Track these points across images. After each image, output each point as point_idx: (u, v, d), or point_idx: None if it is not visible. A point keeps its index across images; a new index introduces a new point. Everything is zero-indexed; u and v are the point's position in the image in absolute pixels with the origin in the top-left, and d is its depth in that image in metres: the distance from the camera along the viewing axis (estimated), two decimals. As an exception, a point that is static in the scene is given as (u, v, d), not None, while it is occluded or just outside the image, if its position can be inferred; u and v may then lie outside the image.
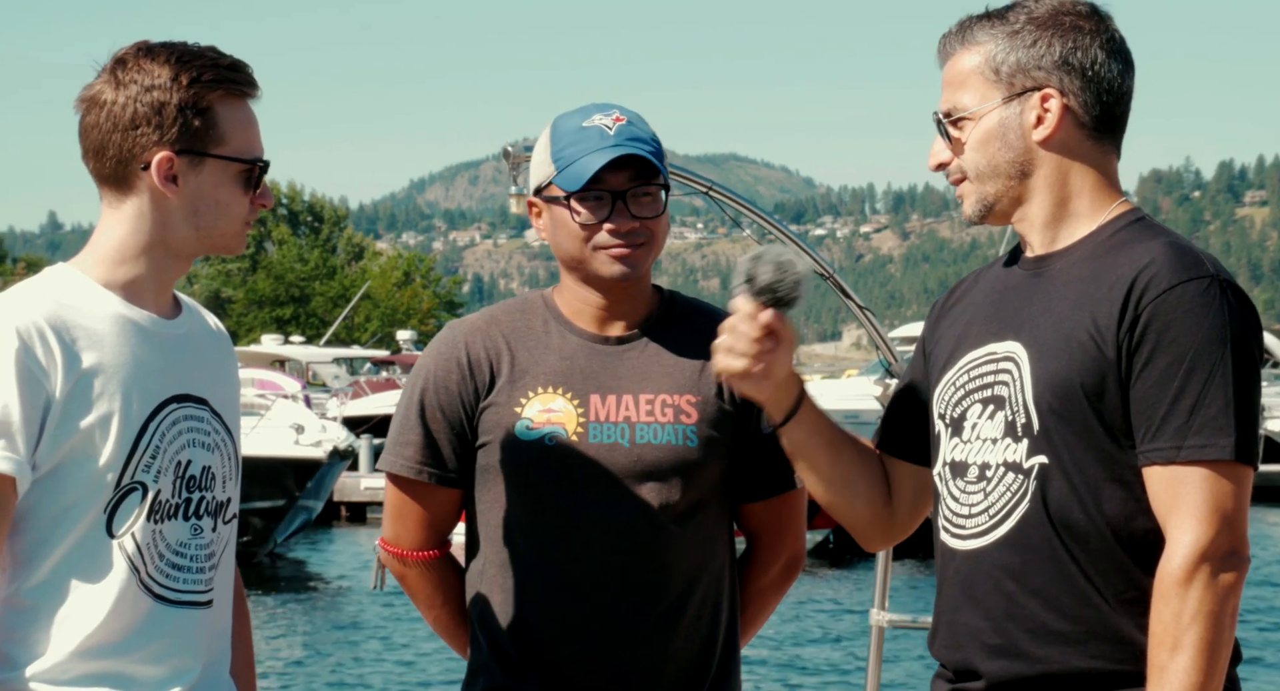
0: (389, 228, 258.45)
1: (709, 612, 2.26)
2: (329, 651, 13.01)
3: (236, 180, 1.97)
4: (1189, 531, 1.79)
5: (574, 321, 2.27)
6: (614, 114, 2.23)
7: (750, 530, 2.36)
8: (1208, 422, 1.80)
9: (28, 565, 1.90)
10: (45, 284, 1.94)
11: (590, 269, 2.22)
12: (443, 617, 2.34)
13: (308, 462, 17.56)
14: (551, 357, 2.24)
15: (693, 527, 2.23)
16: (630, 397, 2.23)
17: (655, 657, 2.22)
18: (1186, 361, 1.81)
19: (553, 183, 2.22)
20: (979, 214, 1.97)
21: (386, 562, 2.33)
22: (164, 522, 1.94)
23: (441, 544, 2.32)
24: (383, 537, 2.33)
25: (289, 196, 64.96)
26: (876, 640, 3.34)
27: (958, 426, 1.97)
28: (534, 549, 2.22)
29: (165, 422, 1.94)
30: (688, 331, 2.28)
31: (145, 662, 1.93)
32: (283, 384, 26.37)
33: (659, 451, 2.21)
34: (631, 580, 2.21)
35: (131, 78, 1.92)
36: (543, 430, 2.20)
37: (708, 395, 2.25)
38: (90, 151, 1.95)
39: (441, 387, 2.25)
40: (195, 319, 2.05)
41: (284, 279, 57.57)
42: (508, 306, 2.32)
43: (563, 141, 2.22)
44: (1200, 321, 1.81)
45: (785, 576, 2.37)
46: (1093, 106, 1.92)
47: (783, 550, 2.35)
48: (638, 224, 2.20)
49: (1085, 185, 1.93)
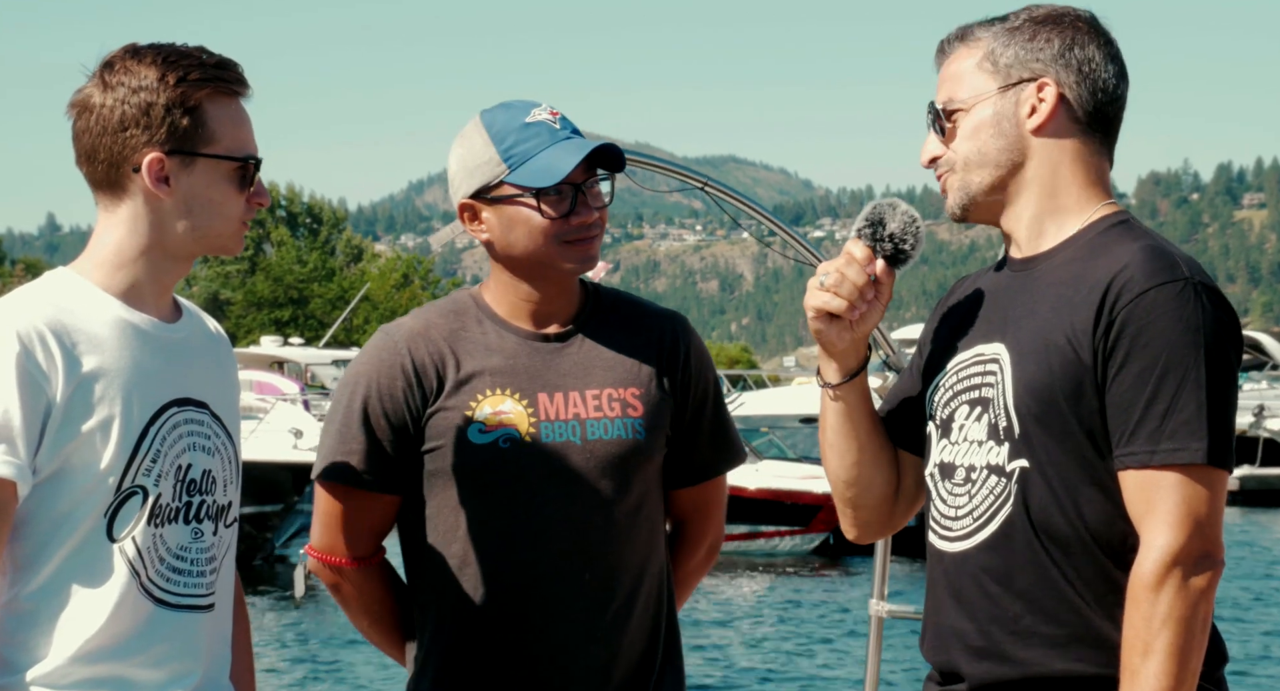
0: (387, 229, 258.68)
1: (655, 602, 2.27)
2: (327, 654, 13.00)
3: (229, 179, 1.96)
4: (1161, 535, 1.79)
5: (510, 320, 2.25)
6: (547, 108, 2.22)
7: (679, 515, 2.37)
8: (1181, 427, 1.80)
9: (28, 569, 1.90)
10: (45, 288, 1.94)
11: (551, 264, 2.20)
12: (379, 624, 2.32)
13: (306, 467, 17.56)
14: (495, 359, 2.23)
15: (641, 519, 2.25)
16: (577, 394, 2.22)
17: (611, 651, 2.22)
18: (1160, 365, 1.81)
19: (505, 182, 2.19)
20: (961, 205, 1.97)
21: (317, 571, 2.30)
22: (165, 526, 1.93)
23: (377, 550, 2.30)
24: (312, 546, 2.29)
25: (288, 198, 64.98)
26: (876, 630, 3.35)
27: (946, 428, 1.98)
28: (490, 551, 2.21)
29: (166, 426, 1.94)
30: (619, 324, 2.28)
31: (146, 667, 1.92)
32: (282, 387, 26.36)
33: (611, 446, 2.22)
34: (588, 576, 2.21)
35: (119, 80, 1.92)
36: (496, 432, 2.19)
37: (649, 387, 2.26)
38: (83, 156, 1.95)
39: (386, 394, 2.21)
40: (195, 322, 2.05)
41: (283, 281, 57.57)
42: (439, 308, 2.29)
43: (508, 138, 2.19)
44: (1174, 325, 1.81)
45: (708, 557, 2.40)
46: (1086, 102, 1.93)
47: (708, 533, 2.38)
48: (597, 215, 2.21)
49: (1074, 180, 1.94)
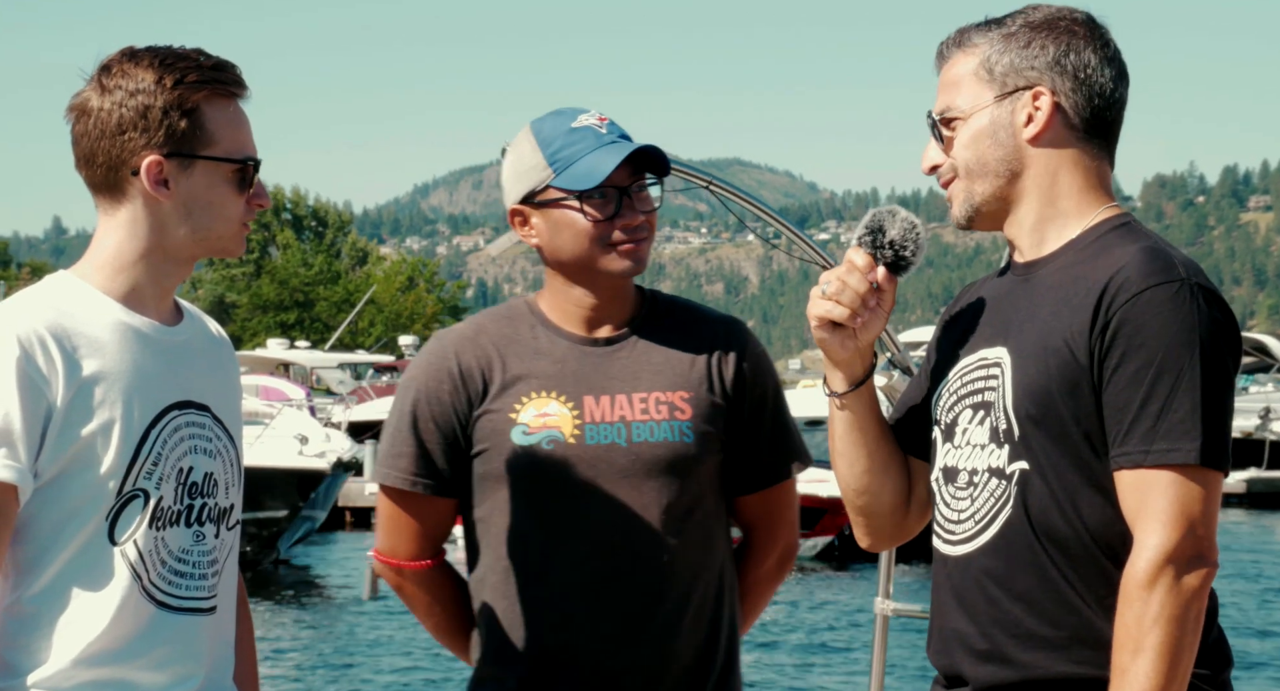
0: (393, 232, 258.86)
1: (711, 608, 2.27)
2: (333, 657, 13.00)
3: (229, 181, 1.96)
4: (1154, 535, 1.79)
5: (562, 325, 2.27)
6: (595, 114, 2.25)
7: (745, 522, 2.38)
8: (1174, 427, 1.80)
9: (30, 573, 1.90)
10: (46, 292, 1.94)
11: (598, 267, 2.23)
12: (443, 625, 2.35)
13: (312, 474, 17.57)
14: (543, 362, 2.25)
15: (692, 524, 2.25)
16: (624, 397, 2.24)
17: (662, 656, 2.23)
18: (1154, 366, 1.81)
19: (551, 186, 2.22)
20: (966, 215, 1.98)
21: (382, 573, 2.34)
22: (166, 529, 1.93)
23: (437, 553, 2.33)
24: (376, 549, 2.33)
25: (293, 201, 65.02)
26: (881, 628, 3.35)
27: (950, 432, 1.98)
28: (537, 553, 2.23)
29: (167, 429, 1.94)
30: (673, 328, 2.30)
31: (148, 669, 1.92)
32: (288, 392, 26.38)
33: (656, 449, 2.23)
34: (636, 579, 2.22)
35: (116, 83, 1.92)
36: (539, 435, 2.21)
37: (699, 391, 2.26)
38: (81, 160, 1.95)
39: (434, 398, 2.25)
40: (197, 325, 2.05)
41: (288, 284, 57.62)
42: (494, 314, 2.33)
43: (555, 143, 2.22)
44: (1168, 325, 1.81)
45: (780, 567, 2.39)
46: (1083, 108, 1.93)
47: (778, 541, 2.37)
48: (644, 218, 2.23)
49: (1073, 186, 1.94)
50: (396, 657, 12.95)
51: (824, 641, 13.52)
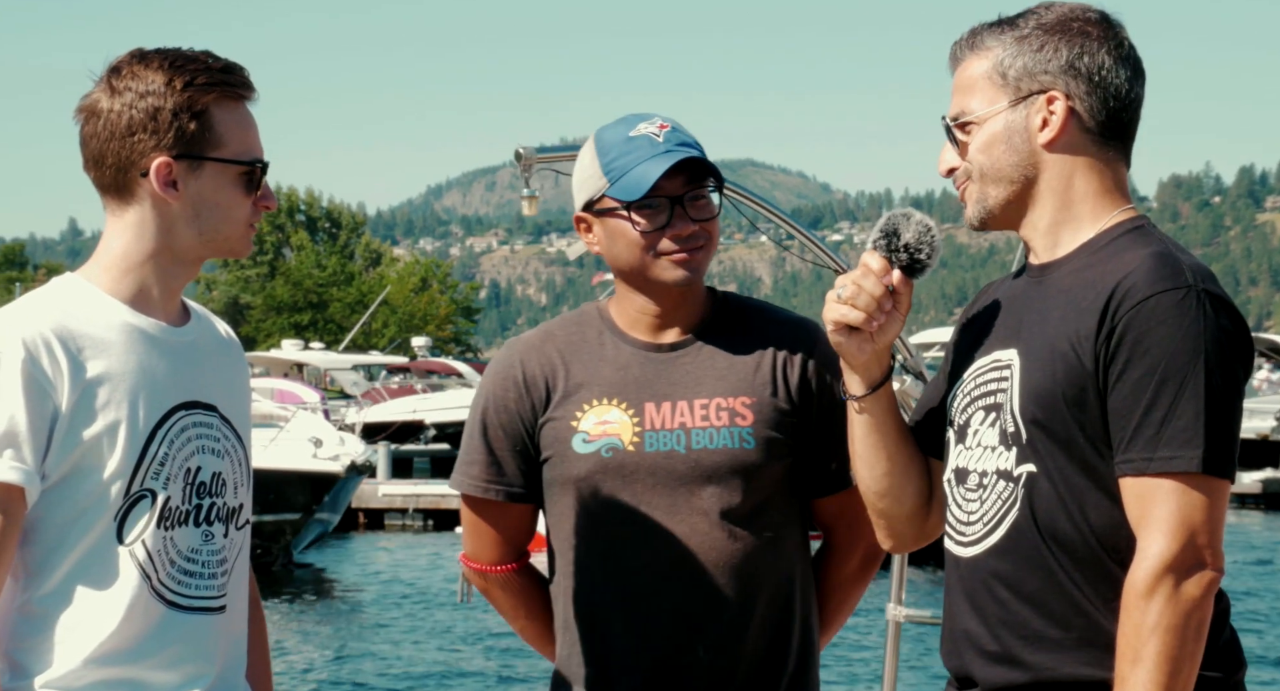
0: (406, 234, 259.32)
1: (780, 613, 2.27)
2: (346, 657, 13.02)
3: (236, 182, 1.97)
4: (1155, 543, 1.79)
5: (629, 331, 2.29)
6: (657, 121, 2.25)
7: (824, 524, 2.37)
8: (1177, 434, 1.79)
9: (39, 574, 1.90)
10: (51, 294, 1.95)
11: (651, 276, 2.24)
12: (528, 628, 2.38)
13: (325, 477, 17.61)
14: (606, 369, 2.26)
15: (758, 529, 2.24)
16: (685, 403, 2.24)
17: (728, 660, 2.24)
18: (1159, 373, 1.80)
19: (606, 195, 2.23)
20: (979, 217, 1.97)
21: (469, 577, 2.38)
22: (174, 529, 1.94)
23: (519, 557, 2.36)
24: (463, 553, 2.37)
25: (307, 203, 65.19)
26: (893, 635, 3.34)
27: (962, 433, 1.99)
28: (601, 558, 2.25)
29: (174, 430, 1.94)
30: (741, 332, 2.29)
31: (159, 669, 1.92)
32: (303, 395, 26.44)
33: (716, 455, 2.23)
34: (699, 585, 2.23)
35: (126, 85, 1.92)
36: (599, 442, 2.23)
37: (763, 396, 2.26)
38: (90, 161, 1.96)
39: (500, 406, 2.28)
40: (204, 326, 2.05)
41: (302, 285, 57.74)
42: (564, 320, 2.35)
43: (611, 153, 2.23)
44: (1174, 332, 1.80)
45: (865, 568, 2.37)
46: (1098, 111, 1.91)
47: (859, 542, 2.34)
48: (696, 227, 2.23)
49: (1089, 190, 1.93)
50: (408, 658, 12.96)
51: (836, 642, 13.49)
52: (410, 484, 24.10)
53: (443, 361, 40.30)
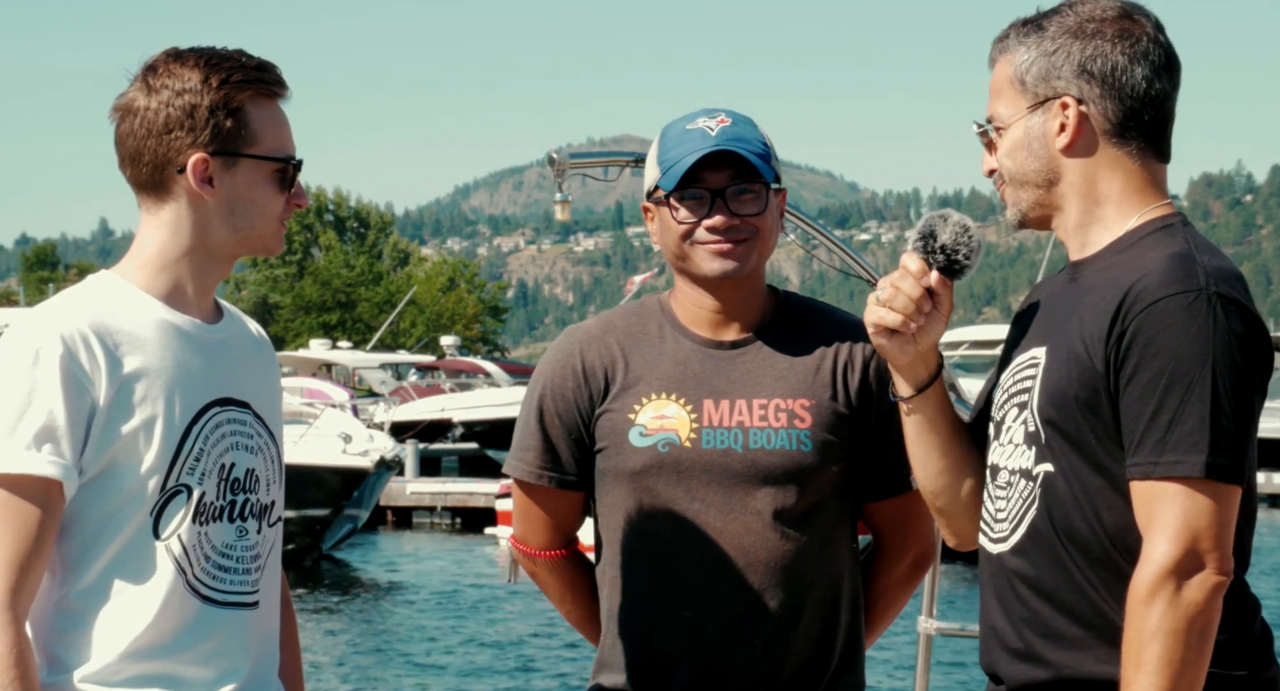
0: (434, 233, 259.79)
1: (827, 614, 2.27)
2: (374, 653, 13.07)
3: (270, 179, 1.98)
4: (1157, 547, 1.79)
5: (689, 326, 2.29)
6: (719, 116, 2.26)
7: (875, 528, 2.37)
8: (1183, 439, 1.79)
9: (76, 568, 1.92)
10: (88, 291, 1.96)
11: (691, 266, 2.25)
12: (574, 613, 2.40)
13: (355, 472, 17.66)
14: (665, 363, 2.27)
15: (810, 531, 2.25)
16: (744, 402, 2.24)
17: (773, 660, 2.24)
18: (1166, 376, 1.80)
19: (658, 185, 2.26)
20: (1016, 219, 1.99)
21: (518, 559, 2.40)
22: (209, 524, 1.95)
23: (568, 543, 2.37)
24: (513, 535, 2.39)
25: (335, 202, 65.37)
26: (924, 648, 3.33)
27: (998, 430, 2.00)
28: (651, 552, 2.25)
29: (208, 426, 1.96)
30: (802, 333, 2.30)
31: (193, 663, 1.94)
32: (331, 393, 26.54)
33: (773, 456, 2.23)
34: (748, 584, 2.23)
35: (163, 83, 1.94)
36: (656, 436, 2.24)
37: (822, 398, 2.26)
38: (127, 159, 1.97)
39: (558, 395, 2.29)
40: (236, 324, 2.07)
41: (330, 285, 57.93)
42: (624, 312, 2.36)
43: (668, 144, 2.26)
44: (1182, 336, 1.79)
45: (914, 572, 2.38)
46: (1114, 113, 1.91)
47: (910, 547, 2.36)
48: (737, 220, 2.23)
49: (1113, 191, 1.93)
50: (436, 654, 13.00)
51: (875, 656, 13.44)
52: (438, 482, 24.17)
53: (470, 360, 40.38)
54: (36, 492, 1.86)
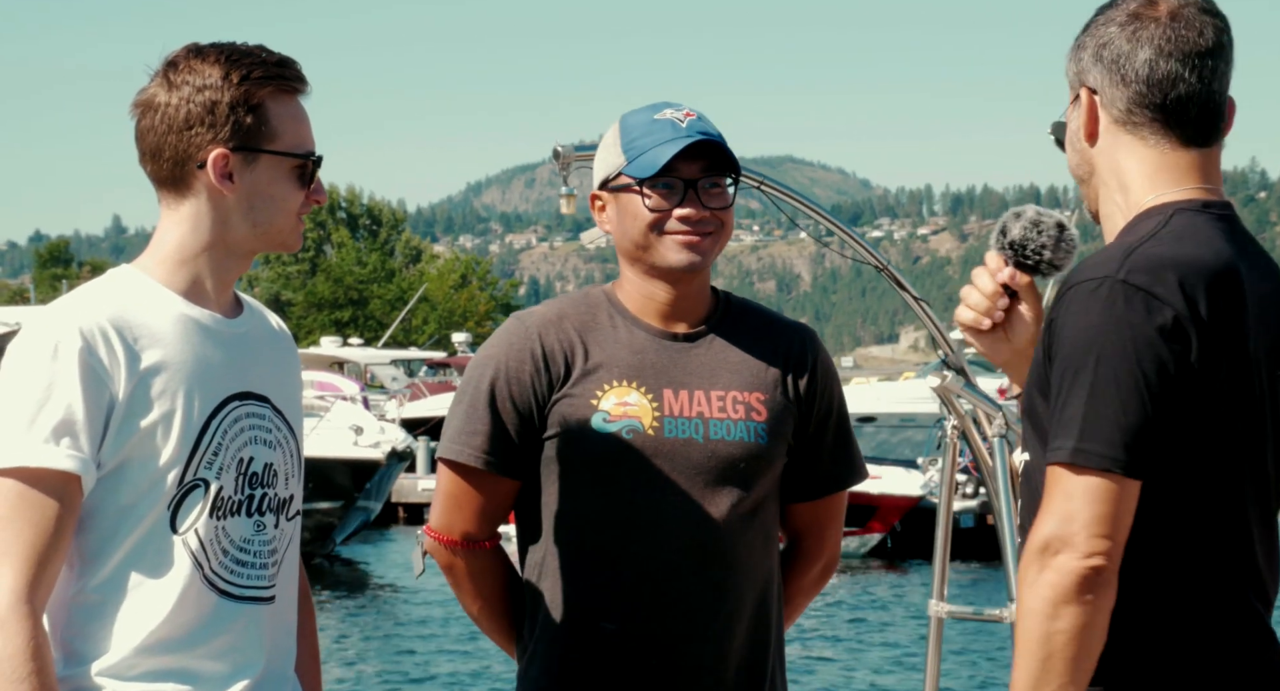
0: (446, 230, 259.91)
1: (764, 610, 2.28)
2: (387, 648, 13.10)
3: (290, 176, 1.99)
4: (1034, 528, 1.78)
5: (639, 317, 2.28)
6: (684, 109, 2.27)
7: (795, 529, 2.39)
8: (1063, 425, 1.78)
9: (93, 562, 1.92)
10: (108, 285, 1.97)
11: (655, 256, 2.24)
12: (487, 609, 2.33)
13: (366, 464, 17.67)
14: (622, 351, 2.26)
15: (755, 525, 2.26)
16: (702, 393, 2.25)
17: (720, 654, 2.24)
18: (1061, 364, 1.80)
19: (622, 173, 2.25)
20: (1093, 217, 1.99)
21: (433, 551, 2.32)
22: (227, 519, 1.96)
23: (493, 534, 2.33)
24: (430, 526, 2.32)
25: (348, 200, 65.42)
26: (935, 631, 3.34)
27: None
28: (605, 542, 2.23)
29: (227, 420, 1.96)
30: (747, 330, 2.31)
31: (210, 657, 1.94)
32: (341, 386, 26.58)
33: (732, 447, 2.24)
34: (704, 576, 2.23)
35: (183, 79, 1.95)
36: (620, 423, 2.22)
37: (774, 393, 2.28)
38: (147, 154, 1.98)
39: (514, 379, 2.24)
40: (257, 318, 2.07)
41: (343, 282, 57.98)
42: (572, 300, 2.33)
43: (634, 133, 2.25)
44: (1074, 324, 1.78)
45: (822, 577, 2.41)
46: (1120, 99, 1.89)
47: (824, 550, 2.39)
48: (708, 213, 2.23)
49: (1125, 179, 1.92)
50: (448, 648, 13.02)
51: (877, 642, 13.46)
52: (450, 479, 24.10)
53: (482, 357, 40.15)
54: (55, 486, 1.86)
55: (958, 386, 3.20)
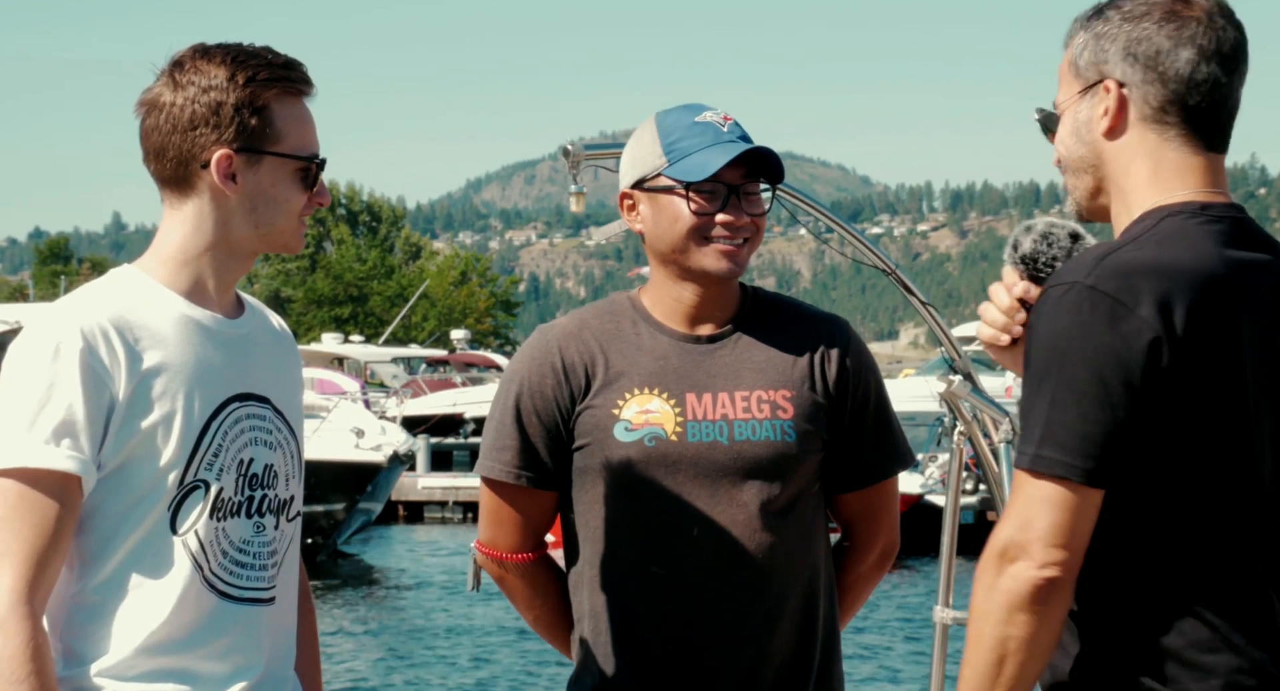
0: (446, 227, 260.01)
1: (809, 606, 2.28)
2: (389, 648, 13.10)
3: (294, 178, 1.99)
4: (996, 530, 1.77)
5: (664, 322, 2.29)
6: (721, 112, 2.27)
7: (845, 520, 2.38)
8: (1027, 431, 1.77)
9: (93, 563, 1.92)
10: (109, 286, 1.97)
11: (693, 261, 2.24)
12: (543, 617, 2.37)
13: (368, 466, 17.70)
14: (645, 359, 2.27)
15: (792, 521, 2.26)
16: (726, 395, 2.25)
17: (760, 653, 2.24)
18: (1029, 368, 1.79)
19: (663, 173, 2.24)
20: (1076, 210, 1.97)
21: (484, 565, 2.37)
22: (226, 520, 1.95)
23: (538, 546, 2.35)
24: (479, 541, 2.36)
25: (348, 196, 65.45)
26: (941, 637, 3.33)
27: None
28: (636, 549, 2.24)
29: (228, 421, 1.96)
30: (775, 326, 2.30)
31: (209, 659, 1.94)
32: (342, 384, 26.59)
33: (758, 448, 2.24)
34: (735, 577, 2.23)
35: (189, 79, 1.94)
36: (642, 431, 2.23)
37: (801, 389, 2.27)
38: (151, 154, 1.98)
39: (537, 393, 2.27)
40: (258, 318, 2.07)
41: (343, 278, 58.01)
42: (596, 309, 2.34)
43: (674, 134, 2.25)
44: (1042, 328, 1.77)
45: (880, 565, 2.40)
46: (1154, 97, 1.87)
47: (878, 538, 2.38)
48: (748, 220, 2.24)
49: (1140, 179, 1.89)
50: (452, 648, 13.02)
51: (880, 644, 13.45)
52: (450, 476, 24.20)
53: (482, 354, 40.39)
54: (55, 487, 1.86)
55: (964, 391, 3.19)
